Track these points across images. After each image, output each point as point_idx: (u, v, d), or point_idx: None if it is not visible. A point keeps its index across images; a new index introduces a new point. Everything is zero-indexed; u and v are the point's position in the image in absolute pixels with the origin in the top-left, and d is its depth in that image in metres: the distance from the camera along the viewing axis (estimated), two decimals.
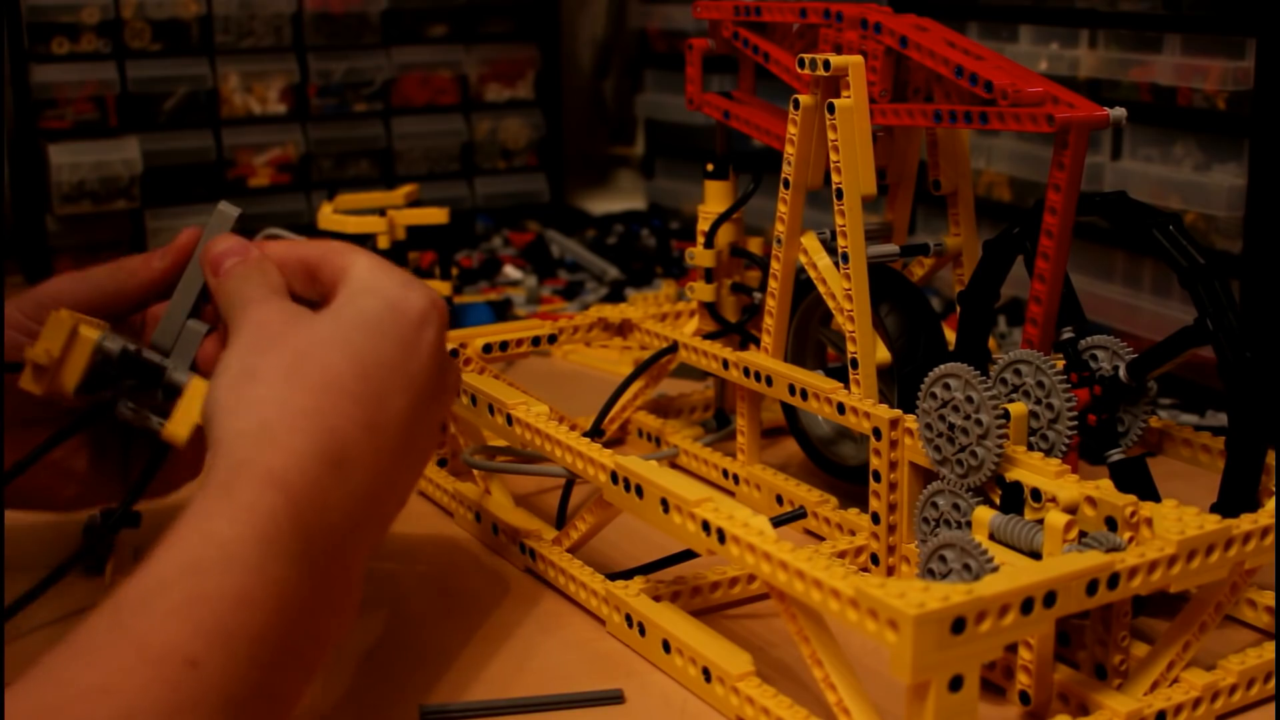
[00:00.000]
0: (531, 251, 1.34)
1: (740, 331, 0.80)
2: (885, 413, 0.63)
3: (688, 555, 0.62)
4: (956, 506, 0.58)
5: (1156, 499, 0.56)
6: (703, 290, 0.79)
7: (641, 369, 0.78)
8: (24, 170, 1.29)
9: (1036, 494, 0.55)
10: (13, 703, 0.39)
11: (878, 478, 0.63)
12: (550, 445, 0.63)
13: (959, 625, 0.43)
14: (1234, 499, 0.57)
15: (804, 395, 0.68)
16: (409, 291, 0.53)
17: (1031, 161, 1.03)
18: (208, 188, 1.34)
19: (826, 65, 0.65)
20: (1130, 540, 0.52)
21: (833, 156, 0.66)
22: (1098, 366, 0.63)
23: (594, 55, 1.68)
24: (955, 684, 0.44)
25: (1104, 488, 0.53)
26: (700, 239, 0.79)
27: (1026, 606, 0.45)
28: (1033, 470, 0.55)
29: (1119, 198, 0.62)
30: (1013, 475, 0.56)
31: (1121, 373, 0.62)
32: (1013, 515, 0.55)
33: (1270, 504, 0.55)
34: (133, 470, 0.63)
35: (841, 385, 0.67)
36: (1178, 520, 0.51)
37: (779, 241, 0.70)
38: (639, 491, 0.56)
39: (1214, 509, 0.57)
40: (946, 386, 0.58)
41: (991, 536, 0.55)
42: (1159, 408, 0.84)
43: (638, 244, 1.39)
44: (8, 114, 1.26)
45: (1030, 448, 0.60)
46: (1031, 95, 0.61)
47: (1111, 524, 0.52)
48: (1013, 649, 0.54)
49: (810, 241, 0.70)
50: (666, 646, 0.57)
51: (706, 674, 0.55)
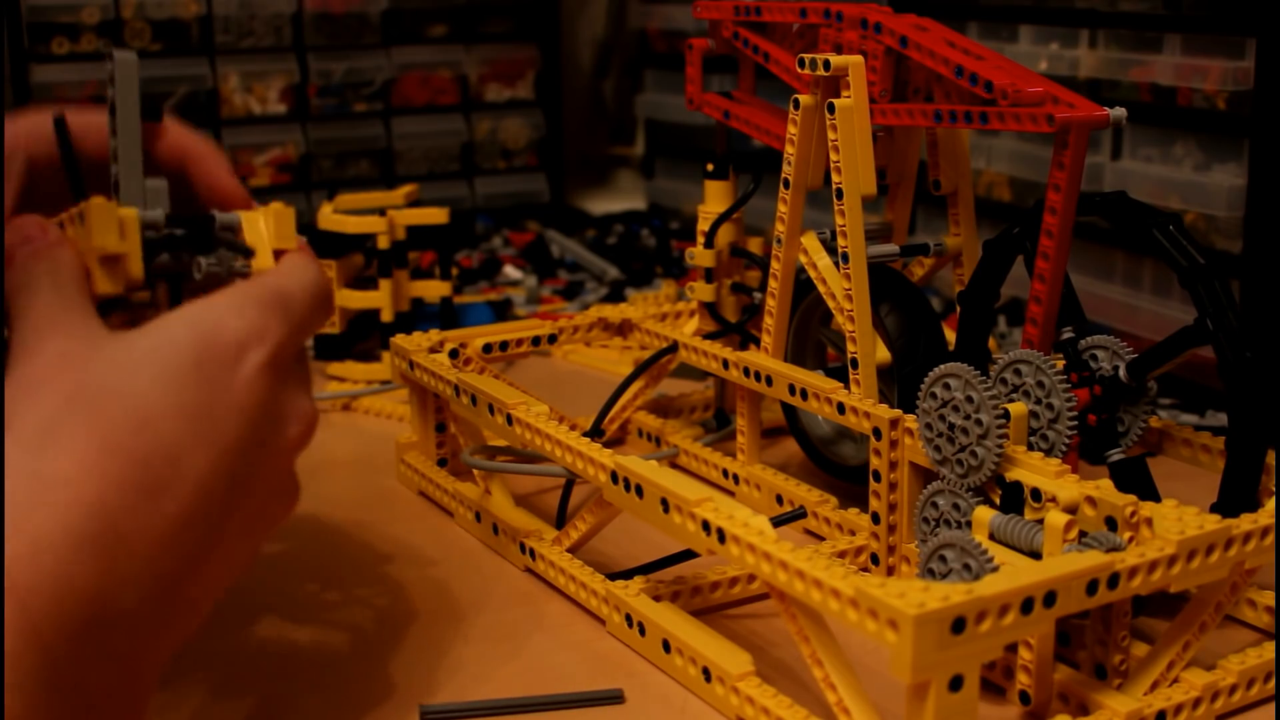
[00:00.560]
0: (531, 251, 1.34)
1: (740, 331, 0.80)
2: (885, 413, 0.63)
3: (688, 555, 0.62)
4: (956, 506, 0.58)
5: (1156, 499, 0.55)
6: (703, 290, 0.79)
7: (641, 369, 0.78)
8: None
9: (1036, 494, 0.55)
10: None
11: (878, 478, 0.63)
12: (550, 445, 0.63)
13: (959, 625, 0.43)
14: (1234, 499, 0.57)
15: (804, 395, 0.68)
16: (228, 315, 0.44)
17: (1031, 161, 1.03)
18: None
19: (826, 65, 0.65)
20: (1130, 540, 0.52)
21: (833, 156, 0.66)
22: (1098, 366, 0.63)
23: (594, 55, 1.68)
24: (955, 684, 0.44)
25: (1104, 488, 0.53)
26: (700, 239, 0.79)
27: (1026, 606, 0.45)
28: (1033, 470, 0.55)
29: (1119, 198, 0.62)
30: (1013, 475, 0.56)
31: (1121, 373, 0.62)
32: (1013, 515, 0.55)
33: (1270, 504, 0.54)
34: None
35: (841, 385, 0.67)
36: (1178, 520, 0.51)
37: (779, 241, 0.70)
38: (639, 491, 0.56)
39: (1214, 509, 0.57)
40: (946, 386, 0.58)
41: (991, 536, 0.55)
42: (1159, 408, 0.84)
43: (638, 244, 1.39)
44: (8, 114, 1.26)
45: (1030, 448, 0.60)
46: (1031, 95, 0.61)
47: (1111, 524, 0.52)
48: (1013, 649, 0.54)
49: (810, 241, 0.70)
50: (666, 646, 0.57)
51: (706, 674, 0.55)
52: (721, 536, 0.52)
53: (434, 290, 0.98)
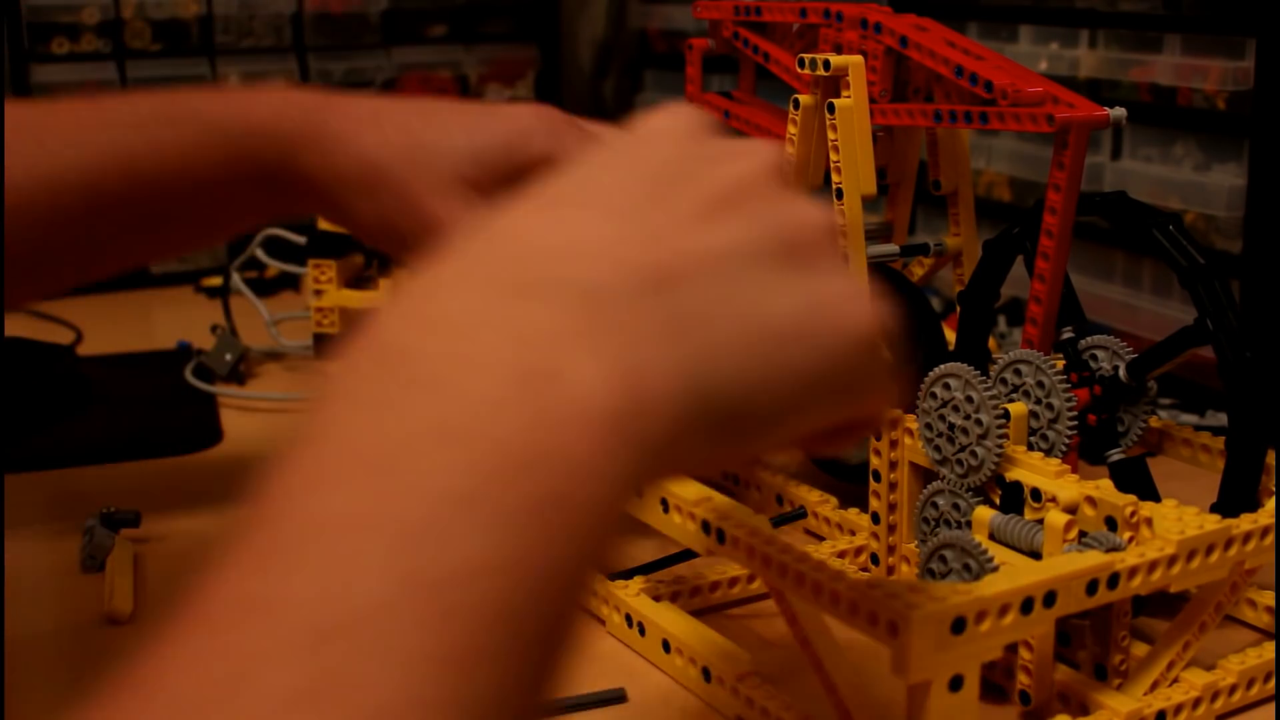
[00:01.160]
0: None
1: None
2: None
3: (688, 555, 0.62)
4: (956, 506, 0.58)
5: (1156, 499, 0.55)
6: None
7: None
8: None
9: (1036, 494, 0.55)
10: None
11: (878, 478, 0.63)
12: None
13: (959, 625, 0.43)
14: (1234, 499, 0.57)
15: None
16: None
17: (1031, 161, 1.02)
18: None
19: (826, 65, 0.65)
20: (1130, 540, 0.52)
21: (832, 156, 0.66)
22: (1098, 366, 0.63)
23: (594, 55, 1.68)
24: (955, 684, 0.44)
25: (1104, 488, 0.53)
26: None
27: (1026, 606, 0.45)
28: (1033, 470, 0.55)
29: (1119, 198, 0.62)
30: (1013, 475, 0.56)
31: (1121, 373, 0.62)
32: (1012, 515, 0.55)
33: (1270, 504, 0.55)
34: None
35: None
36: (1177, 520, 0.51)
37: None
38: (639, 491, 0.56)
39: (1214, 509, 0.57)
40: (946, 386, 0.58)
41: (991, 536, 0.55)
42: (1159, 408, 0.84)
43: None
44: None
45: (1030, 447, 0.60)
46: (1031, 95, 0.61)
47: (1111, 524, 0.52)
48: (1013, 649, 0.54)
49: None
50: (666, 646, 0.57)
51: (706, 674, 0.55)
52: (721, 537, 0.52)
53: None
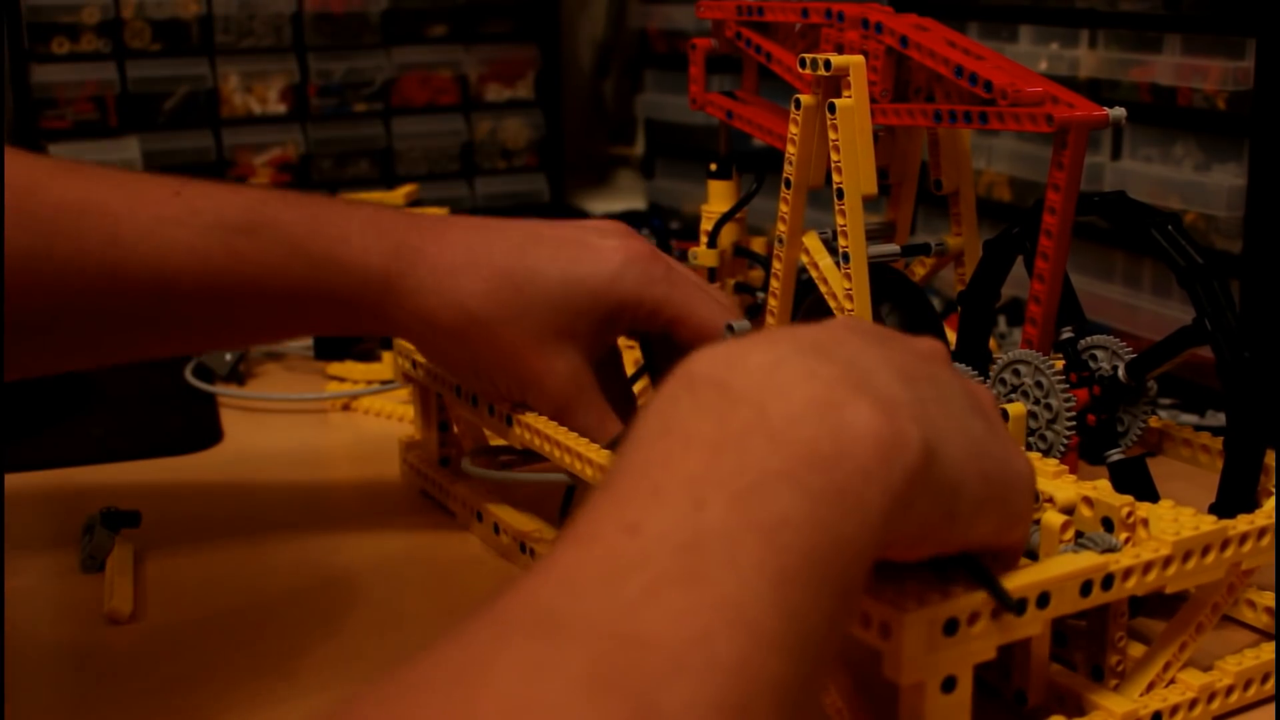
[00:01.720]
0: None
1: None
2: None
3: None
4: None
5: (1156, 499, 0.55)
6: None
7: (643, 369, 0.78)
8: None
9: (1034, 494, 0.55)
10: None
11: None
12: (550, 446, 0.63)
13: (951, 626, 0.43)
14: (1232, 499, 0.57)
15: None
16: None
17: (1031, 161, 1.02)
18: None
19: (827, 65, 0.65)
20: (1126, 541, 0.52)
21: (833, 156, 0.66)
22: (1097, 366, 0.63)
23: (594, 55, 1.68)
24: (948, 685, 0.44)
25: (1101, 488, 0.53)
26: (704, 239, 0.79)
27: (1020, 608, 0.45)
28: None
29: (1118, 198, 0.62)
30: None
31: (1121, 373, 0.62)
32: None
33: (1268, 504, 0.54)
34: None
35: None
36: (1174, 521, 0.51)
37: (780, 241, 0.70)
38: None
39: (1212, 509, 0.56)
40: None
41: None
42: (1159, 408, 0.84)
43: None
44: (8, 114, 1.26)
45: (1029, 447, 0.60)
46: (1031, 95, 0.61)
47: (1108, 524, 0.52)
48: (1009, 649, 0.54)
49: (812, 241, 0.70)
50: None
51: None
52: None
53: None
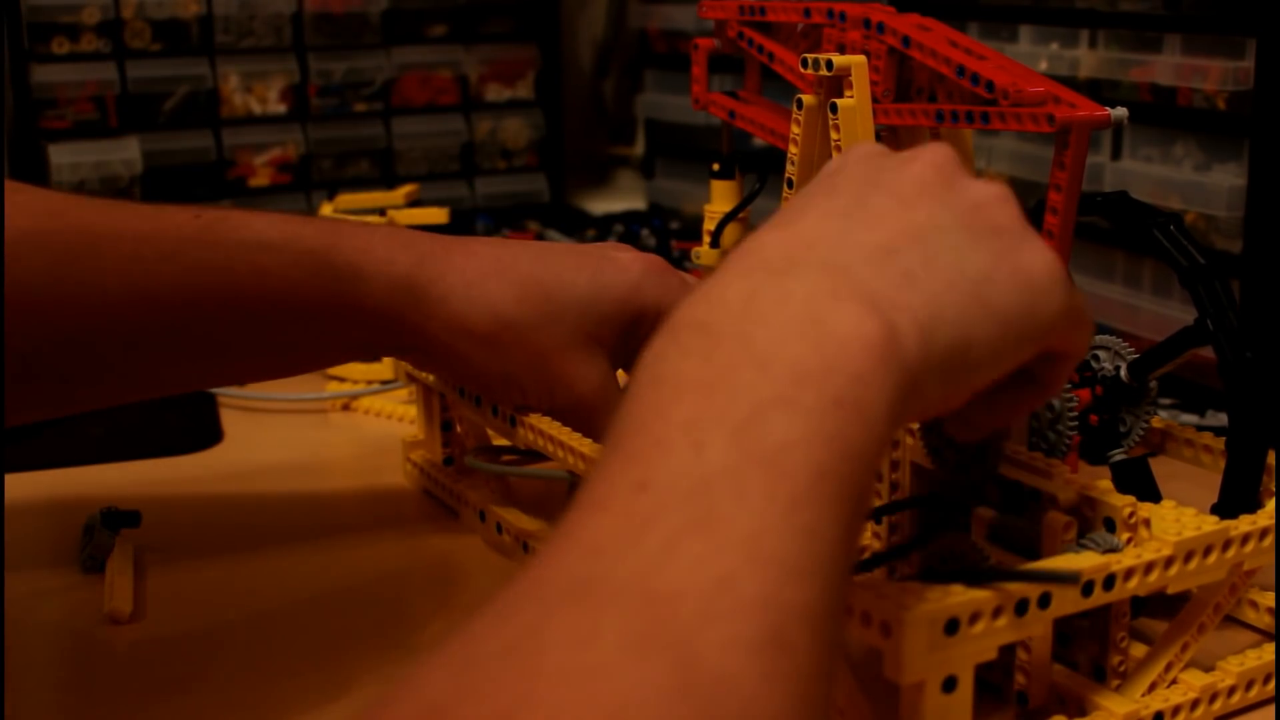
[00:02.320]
0: None
1: None
2: None
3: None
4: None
5: (1158, 499, 0.55)
6: None
7: None
8: (24, 170, 1.29)
9: (1036, 494, 0.55)
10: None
11: (879, 477, 0.63)
12: (553, 446, 0.63)
13: (952, 626, 0.43)
14: (1234, 500, 0.57)
15: None
16: None
17: (1032, 161, 1.02)
18: (208, 188, 1.34)
19: (829, 65, 0.65)
20: (1128, 541, 0.52)
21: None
22: (1099, 367, 0.63)
23: (594, 55, 1.68)
24: (949, 685, 0.44)
25: (1103, 488, 0.53)
26: (706, 239, 0.79)
27: (1021, 608, 0.45)
28: (1033, 470, 0.55)
29: (1119, 198, 0.62)
30: (1013, 475, 0.56)
31: (1123, 373, 0.62)
32: (1011, 515, 0.54)
33: (1270, 505, 0.54)
34: None
35: None
36: (1175, 521, 0.51)
37: None
38: None
39: (1214, 510, 0.56)
40: None
41: (990, 537, 0.55)
42: (1160, 408, 0.84)
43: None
44: (8, 114, 1.26)
45: (1031, 448, 0.60)
46: (1033, 95, 0.61)
47: (1110, 525, 0.52)
48: (1011, 649, 0.54)
49: None
50: None
51: None
52: None
53: None
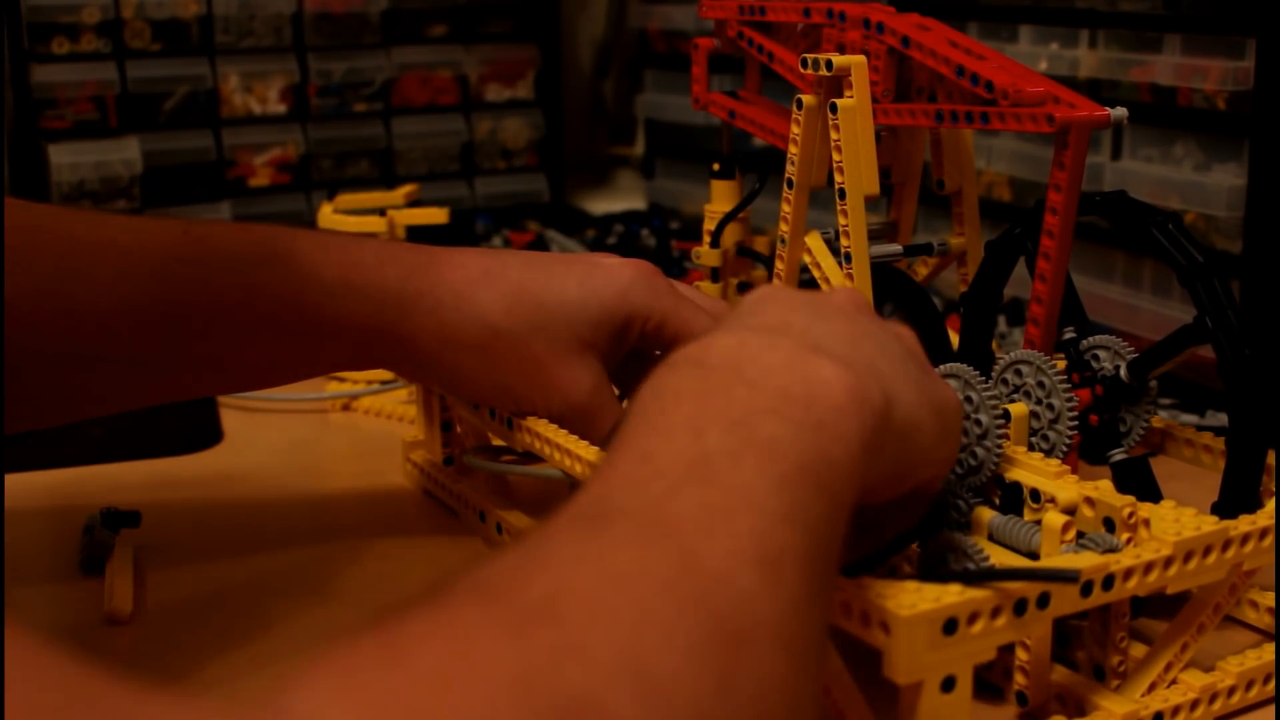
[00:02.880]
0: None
1: None
2: None
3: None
4: (957, 507, 0.58)
5: (1159, 499, 0.55)
6: (709, 290, 0.79)
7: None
8: (24, 170, 1.29)
9: (1036, 494, 0.55)
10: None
11: None
12: (550, 449, 0.63)
13: (950, 626, 0.43)
14: (1234, 499, 0.57)
15: None
16: None
17: (1032, 161, 1.02)
18: (208, 188, 1.34)
19: (829, 65, 0.65)
20: (1128, 541, 0.52)
21: (835, 156, 0.66)
22: (1099, 366, 0.63)
23: (594, 55, 1.68)
24: (948, 685, 0.44)
25: (1103, 488, 0.53)
26: (707, 238, 0.79)
27: (1019, 608, 0.45)
28: (1032, 471, 0.55)
29: (1119, 197, 0.62)
30: (1012, 475, 0.56)
31: (1123, 372, 0.62)
32: (1011, 516, 0.55)
33: (1270, 505, 0.54)
34: None
35: None
36: (1175, 521, 0.51)
37: (783, 241, 0.70)
38: None
39: (1214, 509, 0.56)
40: None
41: (990, 537, 0.55)
42: (1160, 408, 0.84)
43: (638, 244, 1.39)
44: (8, 114, 1.26)
45: (1031, 448, 0.60)
46: (1032, 95, 0.61)
47: (1110, 525, 0.52)
48: (1010, 649, 0.54)
49: (814, 241, 0.69)
50: None
51: None
52: None
53: None
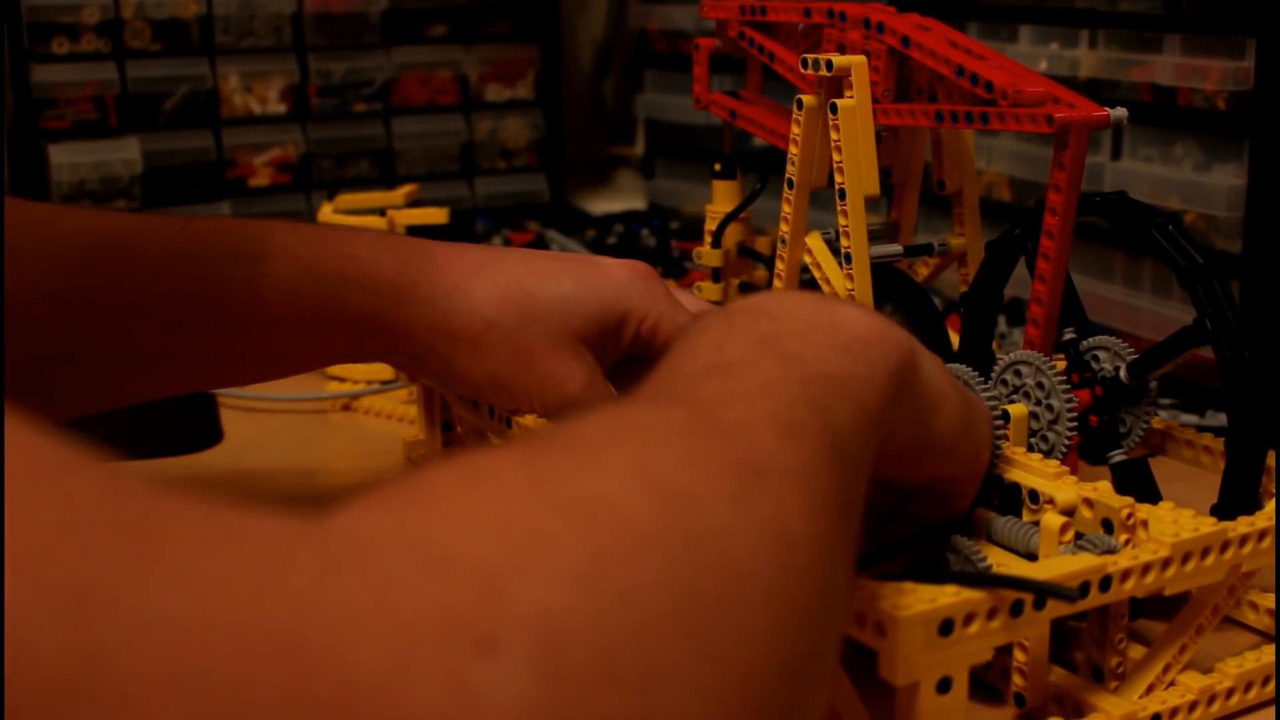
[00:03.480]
0: None
1: None
2: None
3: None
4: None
5: (1158, 500, 0.55)
6: (710, 290, 0.79)
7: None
8: (24, 170, 1.29)
9: (1034, 495, 0.55)
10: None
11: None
12: None
13: (947, 627, 0.43)
14: (1234, 501, 0.57)
15: None
16: None
17: (1032, 161, 1.02)
18: (208, 188, 1.34)
19: (829, 65, 0.65)
20: (1126, 542, 0.52)
21: (835, 156, 0.66)
22: (1099, 367, 0.63)
23: (594, 55, 1.68)
24: (944, 686, 0.44)
25: (1101, 489, 0.53)
26: (708, 239, 0.79)
27: (1016, 609, 0.45)
28: (1031, 471, 0.55)
29: (1119, 197, 0.62)
30: (1011, 476, 0.56)
31: (1123, 373, 0.62)
32: (1009, 517, 0.54)
33: (1269, 506, 0.54)
34: None
35: None
36: (1173, 523, 0.51)
37: (783, 241, 0.70)
38: None
39: (1213, 511, 0.56)
40: None
41: (988, 538, 0.55)
42: (1160, 408, 0.84)
43: (638, 244, 1.39)
44: (8, 114, 1.26)
45: (1031, 449, 0.60)
46: (1032, 95, 0.60)
47: (1108, 526, 0.52)
48: (1008, 650, 0.54)
49: (815, 242, 0.69)
50: None
51: None
52: None
53: None
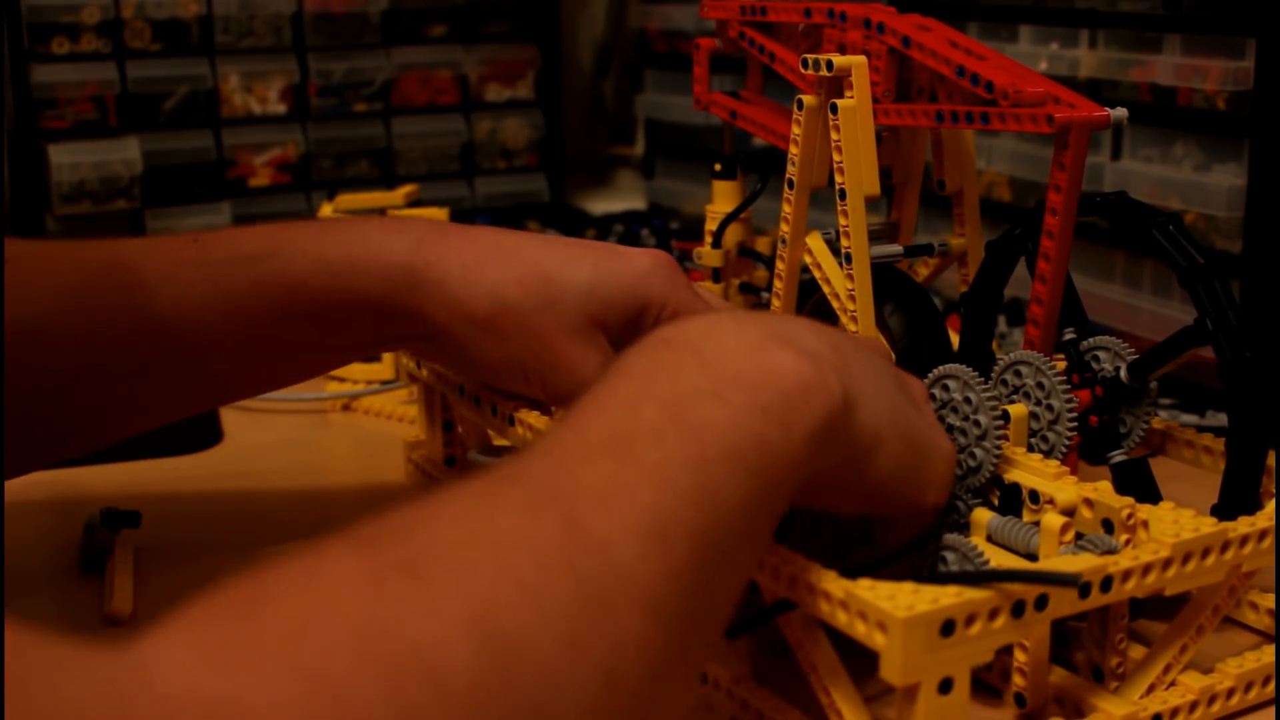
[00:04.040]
0: None
1: None
2: None
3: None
4: (956, 508, 0.58)
5: (1159, 500, 0.55)
6: (710, 290, 0.79)
7: None
8: (24, 170, 1.29)
9: (1035, 496, 0.55)
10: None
11: None
12: None
13: (948, 628, 0.43)
14: (1234, 501, 0.57)
15: None
16: None
17: (1032, 162, 1.02)
18: (208, 188, 1.34)
19: (830, 65, 0.65)
20: (1127, 543, 0.52)
21: (836, 157, 0.66)
22: (1100, 367, 0.63)
23: (594, 55, 1.68)
24: (945, 686, 0.44)
25: (1102, 489, 0.53)
26: (708, 239, 0.79)
27: (1017, 609, 0.45)
28: (1031, 472, 0.55)
29: (1119, 198, 0.62)
30: (1011, 477, 0.56)
31: (1123, 373, 0.62)
32: (1010, 517, 0.54)
33: (1269, 506, 0.54)
34: None
35: None
36: (1174, 523, 0.51)
37: (784, 242, 0.70)
38: None
39: (1213, 511, 0.56)
40: (945, 388, 0.58)
41: (989, 538, 0.55)
42: (1160, 408, 0.84)
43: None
44: (8, 114, 1.26)
45: (1031, 449, 0.60)
46: (1032, 95, 0.60)
47: (1108, 526, 0.52)
48: (1009, 651, 0.54)
49: (815, 242, 0.69)
50: None
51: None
52: None
53: None
